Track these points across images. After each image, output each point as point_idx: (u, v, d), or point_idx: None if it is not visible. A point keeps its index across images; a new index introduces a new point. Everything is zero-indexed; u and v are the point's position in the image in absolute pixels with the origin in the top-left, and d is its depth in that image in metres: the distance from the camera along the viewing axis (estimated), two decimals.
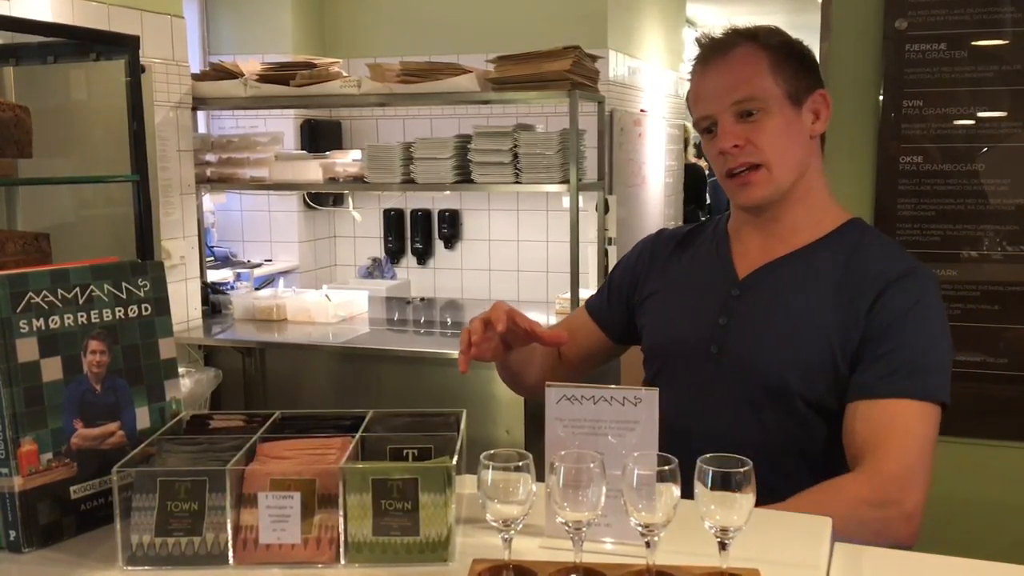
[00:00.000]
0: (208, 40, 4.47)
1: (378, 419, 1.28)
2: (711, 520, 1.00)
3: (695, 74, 1.48)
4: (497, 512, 1.02)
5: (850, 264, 1.42)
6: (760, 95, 1.40)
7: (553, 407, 1.18)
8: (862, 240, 1.45)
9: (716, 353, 1.45)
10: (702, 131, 1.48)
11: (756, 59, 1.42)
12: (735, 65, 1.42)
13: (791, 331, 1.41)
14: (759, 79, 1.41)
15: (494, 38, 4.06)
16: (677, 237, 1.63)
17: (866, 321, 1.36)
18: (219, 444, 1.19)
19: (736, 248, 1.53)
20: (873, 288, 1.38)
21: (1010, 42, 2.04)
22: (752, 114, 1.40)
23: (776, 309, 1.44)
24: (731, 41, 1.44)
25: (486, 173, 3.27)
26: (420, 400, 3.18)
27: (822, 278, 1.42)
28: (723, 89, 1.42)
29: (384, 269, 4.46)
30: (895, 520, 1.29)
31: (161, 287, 1.30)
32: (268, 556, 1.10)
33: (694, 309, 1.51)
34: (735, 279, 1.49)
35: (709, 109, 1.43)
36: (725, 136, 1.41)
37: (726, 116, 1.41)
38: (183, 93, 3.36)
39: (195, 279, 3.43)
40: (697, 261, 1.57)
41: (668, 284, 1.58)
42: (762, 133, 1.40)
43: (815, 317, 1.40)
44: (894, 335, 1.35)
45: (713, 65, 1.44)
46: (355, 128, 4.53)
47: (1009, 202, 2.02)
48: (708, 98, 1.44)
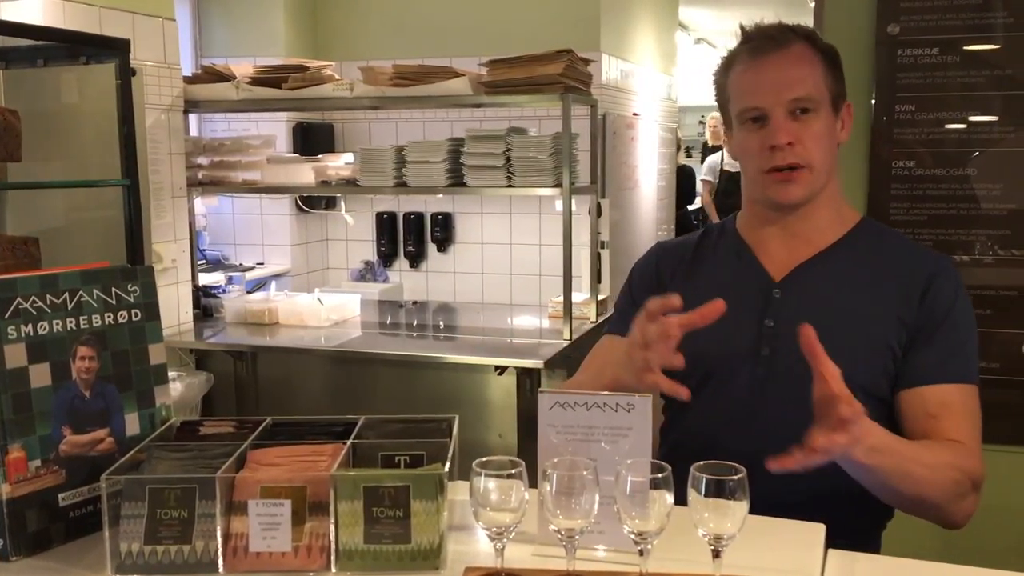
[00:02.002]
0: (200, 43, 4.45)
1: (370, 425, 1.27)
2: (704, 527, 1.00)
3: (742, 63, 1.45)
4: (489, 520, 1.01)
5: (885, 259, 1.47)
6: (815, 96, 1.41)
7: (546, 413, 1.18)
8: (882, 237, 1.51)
9: (768, 355, 1.44)
10: (744, 121, 1.45)
11: (813, 60, 1.42)
12: (794, 62, 1.41)
13: (843, 326, 1.42)
14: (816, 80, 1.41)
15: (487, 41, 4.06)
16: (687, 247, 1.61)
17: (919, 311, 1.42)
18: (209, 451, 1.18)
19: (759, 250, 1.52)
20: (919, 280, 1.43)
21: (1002, 47, 2.04)
22: (805, 112, 1.41)
23: (823, 306, 1.45)
24: (788, 37, 1.43)
25: (479, 176, 3.26)
26: (413, 404, 3.17)
27: (857, 274, 1.47)
28: (782, 83, 1.40)
29: (376, 272, 4.45)
30: (970, 488, 1.34)
31: (151, 292, 1.29)
32: (258, 564, 1.09)
33: (734, 314, 1.47)
34: (771, 280, 1.49)
35: (763, 101, 1.41)
36: (780, 131, 1.39)
37: (780, 111, 1.40)
38: (175, 96, 3.34)
39: (186, 282, 3.42)
40: (720, 267, 1.55)
41: (695, 293, 1.51)
42: (810, 134, 1.41)
43: (862, 311, 1.44)
44: (947, 324, 1.41)
45: (771, 58, 1.42)
46: (348, 131, 4.52)
47: (1001, 207, 2.02)
48: (762, 90, 1.41)
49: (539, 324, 3.60)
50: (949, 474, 1.30)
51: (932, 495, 1.30)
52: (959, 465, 1.32)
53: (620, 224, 4.79)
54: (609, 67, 4.48)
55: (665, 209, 6.00)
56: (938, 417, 1.37)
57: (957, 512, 1.34)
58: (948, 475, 1.30)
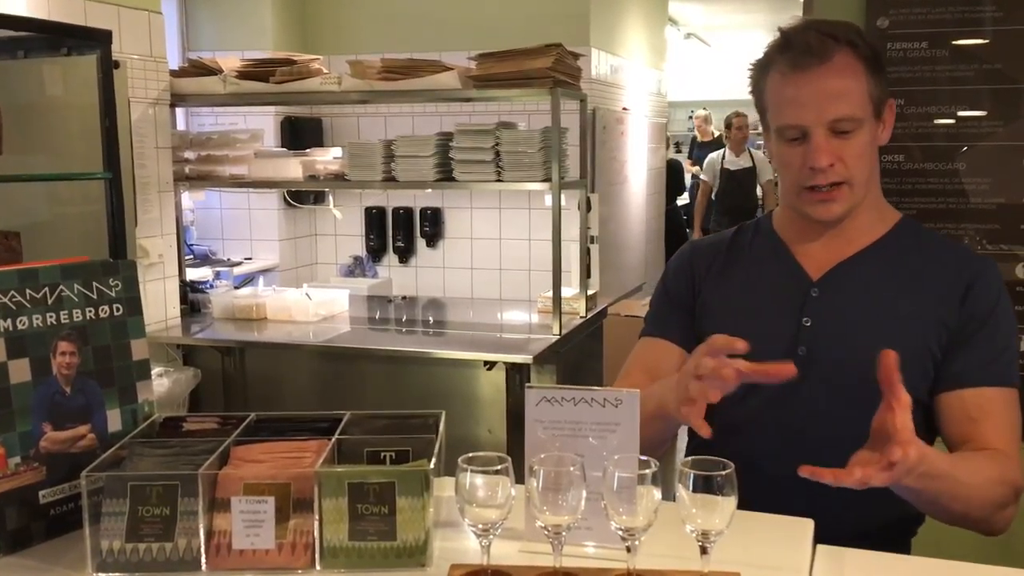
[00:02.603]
0: (187, 36, 4.43)
1: (355, 421, 1.26)
2: (692, 524, 0.99)
3: (780, 74, 1.38)
4: (475, 516, 1.00)
5: (925, 259, 1.45)
6: (858, 114, 1.35)
7: (533, 409, 1.16)
8: (922, 237, 1.49)
9: (804, 355, 1.42)
10: (784, 138, 1.39)
11: (855, 71, 1.35)
12: (835, 77, 1.34)
13: (881, 327, 1.41)
14: (858, 95, 1.35)
15: (476, 36, 4.04)
16: (720, 245, 1.58)
17: (960, 312, 1.40)
18: (192, 447, 1.17)
19: (797, 249, 1.50)
20: (960, 281, 1.41)
21: (991, 41, 2.03)
22: (847, 132, 1.36)
23: (861, 307, 1.43)
24: (830, 48, 1.34)
25: (468, 171, 3.25)
26: (402, 400, 3.15)
27: (897, 274, 1.44)
28: (822, 101, 1.34)
29: (365, 267, 4.43)
30: (1013, 498, 1.33)
31: (133, 287, 1.28)
32: (242, 562, 1.07)
33: (771, 313, 1.47)
34: (808, 280, 1.47)
35: (803, 119, 1.35)
36: (820, 153, 1.34)
37: (821, 130, 1.35)
38: (161, 89, 3.32)
39: (173, 277, 3.39)
40: (756, 265, 1.52)
41: (730, 291, 1.52)
42: (851, 151, 1.36)
43: (901, 312, 1.41)
44: (989, 326, 1.40)
45: (812, 73, 1.34)
46: (336, 125, 4.50)
47: (990, 201, 2.01)
48: (802, 107, 1.35)
49: (528, 319, 3.59)
50: (995, 489, 1.29)
51: (977, 511, 1.29)
52: (1004, 479, 1.31)
53: (610, 219, 4.78)
54: (599, 62, 4.47)
55: (654, 204, 6.00)
56: (978, 421, 1.35)
57: (999, 522, 1.33)
58: (994, 490, 1.29)
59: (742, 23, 9.11)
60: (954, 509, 1.26)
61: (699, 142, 9.04)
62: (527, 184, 3.22)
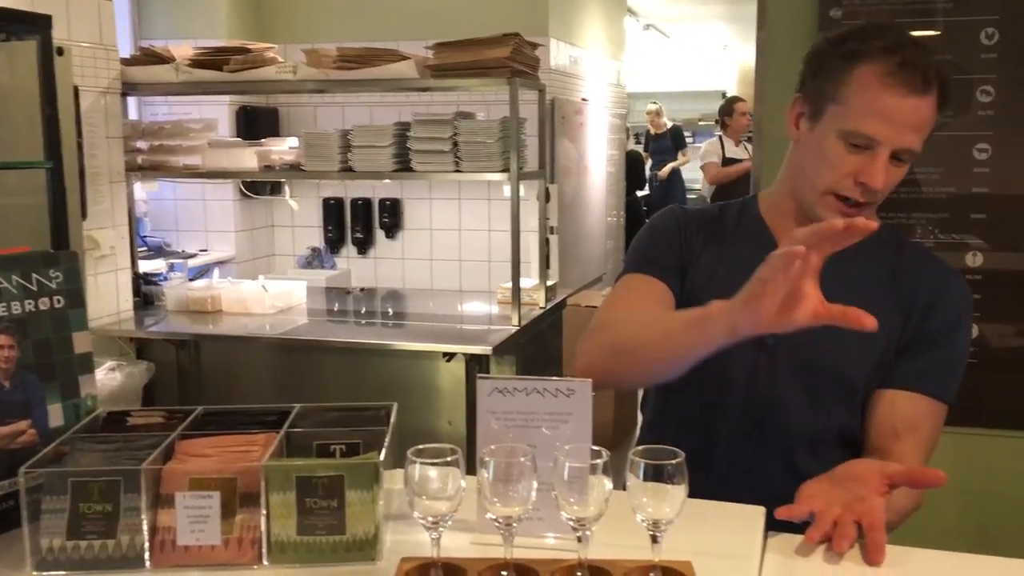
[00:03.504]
0: (139, 24, 4.34)
1: (305, 414, 1.24)
2: (643, 513, 0.99)
3: (882, 82, 1.31)
4: (425, 508, 0.99)
5: (900, 267, 1.46)
6: (917, 151, 1.35)
7: (485, 400, 1.15)
8: (901, 246, 1.50)
9: (773, 343, 1.41)
10: (845, 140, 1.34)
11: (932, 116, 1.34)
12: (926, 110, 1.32)
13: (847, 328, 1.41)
14: (925, 134, 1.35)
15: (434, 25, 4.01)
16: (705, 217, 1.56)
17: (918, 323, 1.41)
18: (136, 442, 1.14)
19: (782, 238, 1.48)
20: (928, 292, 1.43)
21: (942, 32, 2.05)
22: (902, 160, 1.35)
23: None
24: (932, 83, 1.31)
25: (426, 161, 3.23)
26: (361, 392, 3.13)
27: (872, 278, 1.45)
28: (907, 128, 1.31)
29: (324, 259, 4.39)
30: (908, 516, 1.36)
31: (75, 278, 1.24)
32: (187, 558, 1.05)
33: None
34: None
35: (882, 136, 1.31)
36: (879, 176, 1.32)
37: (886, 152, 1.32)
38: (111, 78, 3.25)
39: (126, 270, 3.33)
40: (738, 247, 1.50)
41: (714, 267, 1.50)
42: (892, 179, 1.36)
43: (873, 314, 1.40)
44: (945, 341, 1.42)
45: (913, 99, 1.30)
46: (292, 115, 4.44)
47: (940, 190, 2.04)
48: (889, 125, 1.31)
49: (489, 310, 3.58)
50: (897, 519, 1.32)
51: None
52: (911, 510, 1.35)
53: (569, 210, 4.78)
54: (557, 52, 4.46)
55: (614, 195, 6.02)
56: (901, 437, 1.36)
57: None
58: (899, 519, 1.33)
59: (701, 15, 9.15)
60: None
61: (653, 135, 9.06)
62: (485, 175, 3.21)
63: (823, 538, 1.14)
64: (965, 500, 2.13)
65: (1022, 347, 2.05)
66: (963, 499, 2.12)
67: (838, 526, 1.14)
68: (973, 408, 2.02)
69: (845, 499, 1.17)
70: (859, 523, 1.15)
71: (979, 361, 1.91)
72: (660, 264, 1.50)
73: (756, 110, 2.17)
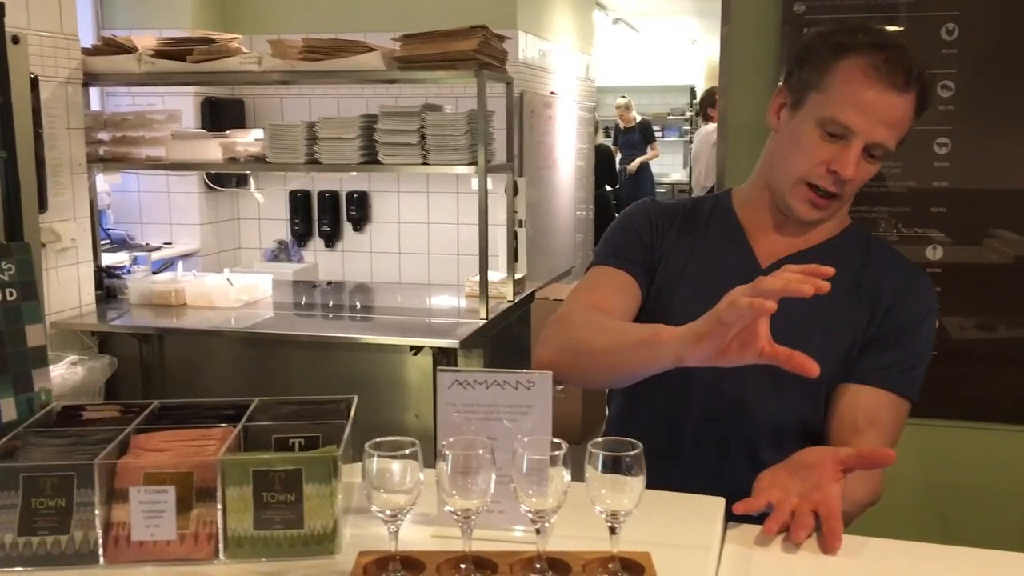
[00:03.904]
0: (102, 14, 4.28)
1: (264, 408, 1.23)
2: (601, 504, 0.99)
3: (861, 71, 1.34)
4: (383, 502, 0.98)
5: (866, 266, 1.48)
6: (891, 149, 1.38)
7: (445, 392, 1.15)
8: (869, 245, 1.52)
9: None
10: (823, 127, 1.37)
11: (909, 116, 1.37)
12: (903, 110, 1.35)
13: (814, 322, 1.43)
14: (902, 134, 1.38)
15: (402, 16, 3.99)
16: (677, 211, 1.57)
17: (882, 321, 1.43)
18: (90, 437, 1.12)
19: (752, 234, 1.51)
20: (890, 291, 1.45)
21: (906, 28, 2.07)
22: (874, 157, 1.37)
23: (801, 301, 1.43)
24: (913, 83, 1.34)
25: (393, 154, 3.21)
26: (328, 386, 3.11)
27: (841, 276, 1.43)
28: (882, 123, 1.34)
29: (291, 252, 4.36)
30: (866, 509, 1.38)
31: (28, 271, 1.22)
32: (141, 554, 1.04)
33: (715, 290, 1.46)
34: (757, 266, 1.48)
35: (858, 127, 1.34)
36: (850, 164, 1.35)
37: (860, 144, 1.35)
38: (72, 68, 3.20)
39: (88, 263, 3.28)
40: (711, 242, 1.52)
41: (685, 261, 1.52)
42: (863, 174, 1.39)
43: (836, 314, 1.44)
44: (908, 338, 1.43)
45: (893, 95, 1.33)
46: (258, 107, 4.40)
47: (901, 184, 2.05)
48: (866, 116, 1.34)
49: (457, 304, 3.57)
50: (856, 510, 1.35)
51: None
52: (869, 500, 1.37)
53: (538, 203, 4.78)
54: (526, 45, 4.45)
55: (583, 188, 6.02)
56: (863, 432, 1.37)
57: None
58: (855, 510, 1.34)
59: (670, 9, 9.17)
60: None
61: (622, 129, 9.09)
62: (453, 167, 3.20)
63: (781, 528, 1.16)
64: (925, 490, 2.16)
65: (981, 339, 2.08)
66: (923, 489, 2.15)
67: (796, 516, 1.16)
68: (933, 400, 2.04)
69: (801, 488, 1.18)
70: (816, 512, 1.16)
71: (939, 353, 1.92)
72: (628, 257, 1.52)
73: (720, 104, 2.18)
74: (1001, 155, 2.02)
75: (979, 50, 2.01)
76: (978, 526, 2.11)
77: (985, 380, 2.08)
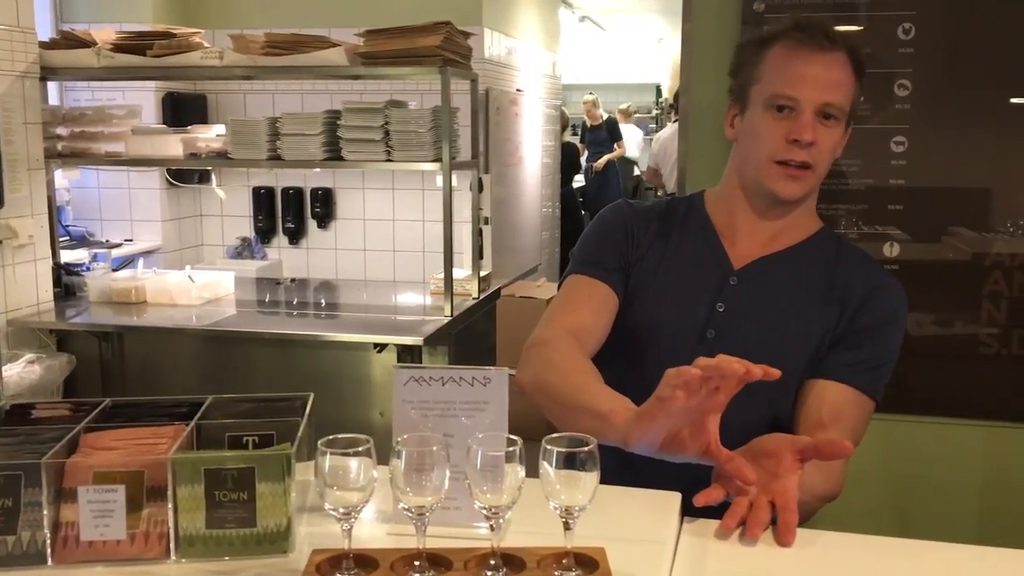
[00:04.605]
0: (61, 8, 4.21)
1: (218, 405, 1.21)
2: (556, 500, 0.99)
3: (788, 49, 1.42)
4: (336, 499, 0.98)
5: (837, 268, 1.50)
6: (844, 106, 1.42)
7: (401, 389, 1.14)
8: (840, 247, 1.55)
9: (712, 338, 1.45)
10: (770, 106, 1.42)
11: (849, 72, 1.43)
12: (838, 68, 1.41)
13: (786, 322, 1.46)
14: (848, 90, 1.42)
15: (366, 12, 3.97)
16: (652, 214, 1.59)
17: (851, 319, 1.46)
18: (39, 435, 1.10)
19: (725, 235, 1.53)
20: (859, 292, 1.47)
21: (863, 27, 2.09)
22: (828, 119, 1.41)
23: (773, 301, 1.48)
24: (839, 42, 1.42)
25: (357, 150, 3.19)
26: (291, 384, 3.04)
27: (812, 278, 1.50)
28: (822, 84, 1.40)
29: (254, 249, 4.32)
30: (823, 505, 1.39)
31: None
32: (91, 554, 1.02)
33: (689, 293, 1.50)
34: (730, 267, 1.50)
35: (799, 93, 1.40)
36: (806, 128, 1.39)
37: (810, 109, 1.40)
38: (29, 62, 3.14)
39: (46, 259, 3.23)
40: (685, 244, 1.54)
41: (658, 262, 1.53)
42: (826, 140, 1.41)
43: (804, 316, 1.47)
44: (875, 339, 1.46)
45: (820, 55, 1.41)
46: (221, 102, 4.35)
47: (859, 182, 2.08)
48: (802, 83, 1.40)
49: (422, 301, 3.55)
50: (813, 504, 1.35)
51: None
52: (825, 494, 1.37)
53: (504, 200, 4.78)
54: (492, 42, 4.44)
55: (550, 185, 6.03)
56: (827, 427, 1.39)
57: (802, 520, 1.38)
58: (812, 504, 1.35)
59: (635, 7, 9.21)
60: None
61: (589, 127, 9.10)
62: (417, 164, 3.19)
63: (739, 523, 1.16)
64: (884, 485, 2.19)
65: (938, 335, 2.11)
66: (882, 484, 2.18)
67: (753, 509, 1.17)
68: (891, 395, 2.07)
69: (759, 476, 1.18)
70: (772, 503, 1.17)
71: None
72: (605, 265, 1.54)
73: (682, 102, 2.19)
74: (958, 153, 2.05)
75: (936, 49, 2.03)
76: (935, 519, 2.14)
77: (941, 375, 2.11)
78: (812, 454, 1.21)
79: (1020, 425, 2.07)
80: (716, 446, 1.16)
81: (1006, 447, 2.10)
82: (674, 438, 1.15)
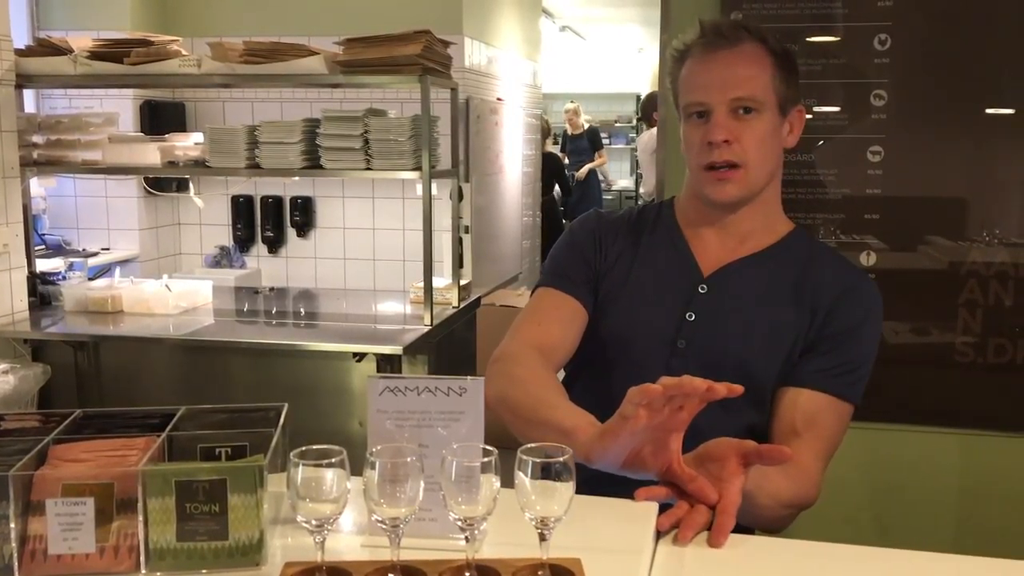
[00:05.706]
0: (38, 15, 4.18)
1: (190, 416, 1.20)
2: (531, 511, 0.98)
3: (693, 58, 1.45)
4: (308, 511, 0.96)
5: (808, 271, 1.49)
6: (759, 97, 1.41)
7: (376, 399, 1.13)
8: (812, 249, 1.54)
9: (684, 347, 1.45)
10: (688, 116, 1.46)
11: (762, 60, 1.43)
12: (742, 61, 1.42)
13: (757, 329, 1.45)
14: (761, 80, 1.42)
15: (346, 20, 3.96)
16: (622, 222, 1.59)
17: (823, 324, 1.45)
18: (6, 447, 1.08)
19: (694, 242, 1.53)
20: (830, 295, 1.46)
21: (841, 38, 2.11)
22: (747, 112, 1.41)
23: (743, 308, 1.47)
24: (740, 36, 1.43)
25: (336, 159, 3.18)
26: (270, 394, 3.01)
27: (782, 281, 1.49)
28: (727, 82, 1.41)
29: (233, 258, 4.29)
30: (795, 514, 1.38)
31: None
32: (59, 568, 1.01)
33: (659, 302, 1.49)
34: (699, 275, 1.49)
35: (707, 97, 1.42)
36: (718, 129, 1.40)
37: (722, 109, 1.41)
38: (5, 69, 3.12)
39: (21, 268, 3.20)
40: (655, 252, 1.54)
41: (628, 272, 1.53)
42: (750, 134, 1.41)
43: (778, 317, 1.46)
44: (849, 340, 1.45)
45: (720, 55, 1.43)
46: (200, 111, 4.33)
47: (836, 191, 2.09)
48: (708, 86, 1.42)
49: (403, 310, 3.54)
50: (782, 511, 1.34)
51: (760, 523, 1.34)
52: (794, 502, 1.35)
53: (484, 209, 4.78)
54: (472, 51, 4.45)
55: (530, 194, 6.03)
56: (801, 435, 1.39)
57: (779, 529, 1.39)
58: (781, 512, 1.34)
59: (616, 17, 9.26)
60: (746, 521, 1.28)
61: (570, 135, 9.12)
62: (397, 173, 3.18)
63: (675, 523, 1.16)
64: (862, 493, 2.19)
65: (915, 344, 2.12)
66: (860, 492, 2.19)
67: (690, 512, 1.16)
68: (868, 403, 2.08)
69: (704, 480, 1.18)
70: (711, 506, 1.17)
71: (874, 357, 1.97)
72: (573, 278, 1.54)
73: (660, 111, 2.20)
74: (934, 163, 2.06)
75: (912, 60, 2.05)
76: (913, 528, 2.15)
77: (918, 383, 2.12)
78: (754, 459, 1.20)
79: (996, 433, 2.08)
80: (678, 465, 1.16)
81: (982, 455, 2.11)
82: (636, 456, 1.16)
